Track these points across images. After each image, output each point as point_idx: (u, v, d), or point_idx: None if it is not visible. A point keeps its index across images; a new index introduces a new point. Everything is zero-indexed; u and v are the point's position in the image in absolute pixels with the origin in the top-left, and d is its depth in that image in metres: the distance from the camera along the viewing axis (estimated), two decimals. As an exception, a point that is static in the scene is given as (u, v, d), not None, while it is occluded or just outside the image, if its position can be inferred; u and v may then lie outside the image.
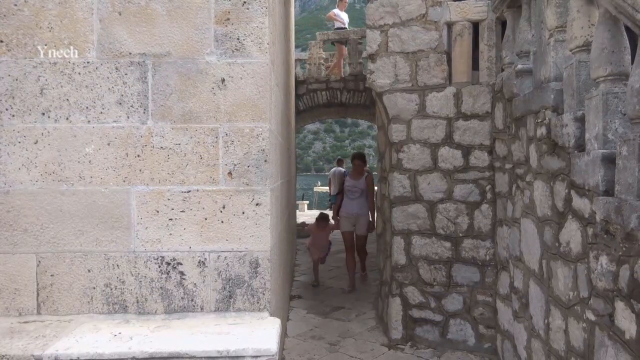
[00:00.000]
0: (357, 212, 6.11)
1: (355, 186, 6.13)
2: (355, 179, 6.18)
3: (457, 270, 3.94)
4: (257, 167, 2.71)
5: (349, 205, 6.16)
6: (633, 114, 1.87)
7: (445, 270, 3.98)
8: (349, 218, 6.16)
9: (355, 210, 6.12)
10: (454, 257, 3.97)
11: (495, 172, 3.83)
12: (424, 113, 4.01)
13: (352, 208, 6.14)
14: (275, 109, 3.25)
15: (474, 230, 3.94)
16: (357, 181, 6.16)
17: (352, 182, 6.17)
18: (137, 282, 2.71)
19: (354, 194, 6.14)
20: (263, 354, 2.25)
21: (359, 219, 6.13)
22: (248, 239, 2.72)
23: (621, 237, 1.90)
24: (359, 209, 6.13)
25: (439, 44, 3.97)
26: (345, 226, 6.20)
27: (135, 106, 2.68)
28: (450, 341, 3.96)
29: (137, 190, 2.69)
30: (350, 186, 6.17)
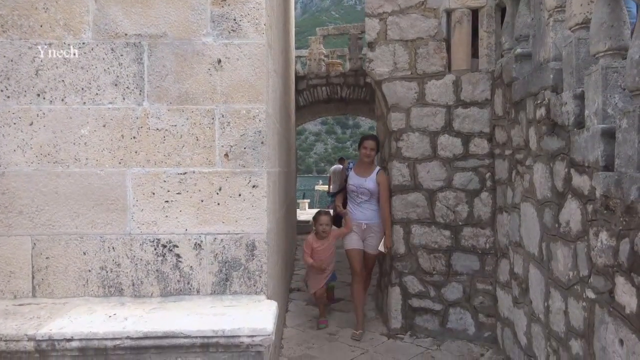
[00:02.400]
0: (365, 222, 4.22)
1: (362, 186, 4.19)
2: (361, 175, 4.25)
3: (457, 259, 3.91)
4: (253, 148, 2.69)
5: (353, 212, 4.28)
6: (633, 85, 1.84)
7: (444, 259, 3.95)
8: (355, 229, 4.25)
9: (362, 220, 4.22)
10: (454, 245, 3.94)
11: (495, 160, 3.80)
12: (423, 101, 3.98)
13: (358, 216, 4.23)
14: (272, 93, 3.22)
15: (473, 219, 3.91)
16: (364, 179, 4.22)
17: (357, 180, 4.24)
18: (133, 264, 2.69)
19: (360, 197, 4.23)
20: (259, 334, 2.23)
21: (369, 232, 4.22)
22: (244, 221, 2.70)
23: (621, 211, 1.87)
24: (368, 218, 4.21)
25: (438, 32, 3.95)
26: (351, 242, 4.23)
27: (131, 87, 2.66)
28: (450, 330, 3.93)
29: (133, 172, 2.67)
30: (356, 185, 4.23)
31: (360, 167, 4.32)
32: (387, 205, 4.14)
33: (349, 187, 4.31)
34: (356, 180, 4.27)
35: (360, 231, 4.24)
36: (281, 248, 3.95)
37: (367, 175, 4.22)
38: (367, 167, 4.26)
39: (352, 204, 4.33)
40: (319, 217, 4.49)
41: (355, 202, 4.29)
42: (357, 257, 4.25)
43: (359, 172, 4.29)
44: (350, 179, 4.31)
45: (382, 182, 4.17)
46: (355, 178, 4.29)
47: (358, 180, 4.25)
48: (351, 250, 4.27)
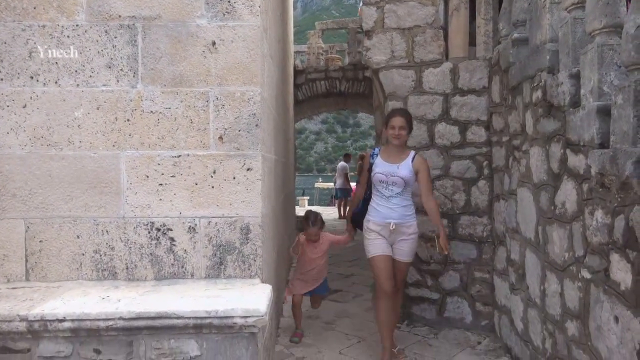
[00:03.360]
0: (395, 222, 3.27)
1: (394, 174, 3.28)
2: (391, 161, 3.33)
3: (454, 247, 3.89)
4: (248, 131, 2.67)
5: (378, 209, 3.33)
6: (628, 61, 1.82)
7: (442, 248, 3.94)
8: (380, 231, 3.31)
9: (391, 218, 3.27)
10: (451, 234, 3.92)
11: (492, 147, 3.79)
12: (421, 89, 3.97)
13: (385, 214, 3.29)
14: (268, 79, 3.21)
15: (471, 207, 3.89)
16: (395, 165, 3.30)
17: (387, 167, 3.32)
18: (127, 248, 2.67)
19: (391, 189, 3.29)
20: (252, 314, 2.21)
21: (400, 234, 3.29)
22: (239, 204, 2.69)
23: (616, 188, 1.86)
24: (400, 215, 3.28)
25: (436, 19, 3.93)
26: (375, 246, 3.31)
27: (125, 70, 2.65)
28: (447, 319, 3.92)
29: (127, 155, 2.66)
30: (385, 174, 3.30)
31: (388, 151, 3.37)
32: (432, 197, 3.35)
33: (376, 177, 3.31)
34: (385, 167, 3.29)
35: (388, 233, 3.27)
36: (278, 237, 3.93)
37: (400, 161, 3.30)
38: (398, 151, 3.34)
39: (378, 198, 3.33)
40: (307, 223, 3.80)
41: (382, 196, 3.31)
42: (384, 266, 3.25)
43: (388, 158, 3.34)
44: (377, 167, 3.33)
45: (422, 169, 3.28)
46: (383, 165, 3.31)
47: (388, 168, 3.28)
48: (375, 258, 3.28)
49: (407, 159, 3.32)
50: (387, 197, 3.30)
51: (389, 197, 3.29)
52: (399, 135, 3.28)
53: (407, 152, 3.37)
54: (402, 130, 3.29)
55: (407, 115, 3.39)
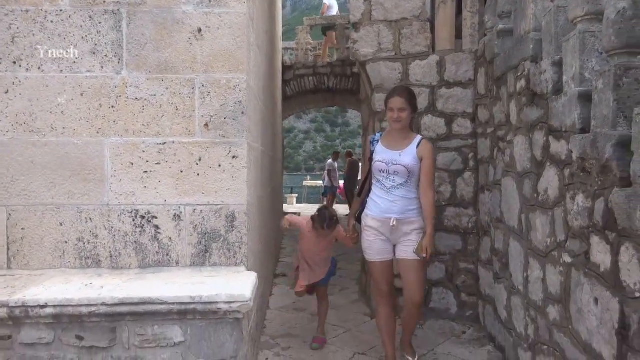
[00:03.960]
0: (396, 217, 2.87)
1: (396, 162, 2.89)
2: (393, 148, 2.94)
3: (440, 239, 3.92)
4: (233, 119, 2.66)
5: (380, 201, 2.93)
6: (609, 46, 1.85)
7: (428, 239, 3.96)
8: (379, 228, 2.92)
9: (392, 213, 2.87)
10: (437, 225, 3.93)
11: (477, 139, 3.82)
12: (408, 81, 3.98)
13: (385, 208, 2.90)
14: (255, 68, 3.20)
15: (456, 199, 3.92)
16: (397, 152, 2.91)
17: (388, 154, 2.93)
18: (111, 236, 2.65)
19: (392, 179, 2.90)
20: (237, 300, 2.21)
21: (401, 232, 2.90)
22: (224, 192, 2.68)
23: (597, 171, 1.89)
24: (402, 210, 2.88)
25: (422, 12, 3.95)
26: (372, 249, 2.97)
27: (110, 56, 2.62)
28: (432, 310, 3.94)
29: (111, 142, 2.63)
30: (386, 162, 2.92)
31: (390, 136, 2.98)
32: (431, 190, 2.89)
33: (375, 166, 2.93)
34: (386, 154, 2.90)
35: (388, 231, 2.87)
36: (264, 228, 3.93)
37: (403, 148, 2.88)
38: (401, 136, 2.92)
39: (378, 190, 2.93)
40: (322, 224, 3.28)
41: (382, 187, 2.90)
42: (381, 271, 2.96)
43: (390, 144, 2.93)
44: (377, 154, 2.95)
45: (426, 156, 2.86)
46: (384, 152, 2.92)
47: (389, 155, 2.89)
48: (372, 265, 3.00)
49: (412, 144, 2.89)
50: (387, 189, 2.88)
51: (390, 188, 2.88)
52: (399, 118, 2.86)
53: (411, 137, 2.93)
54: (403, 112, 2.86)
55: (409, 93, 2.94)
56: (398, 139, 2.95)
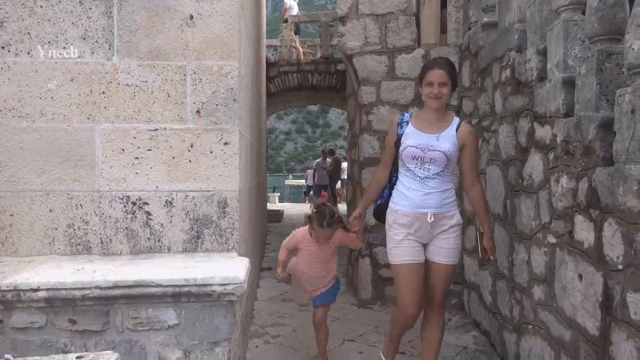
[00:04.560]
0: (433, 211, 2.47)
1: (432, 147, 2.48)
2: (428, 130, 2.52)
3: (425, 229, 3.99)
4: (225, 105, 2.68)
5: (411, 193, 2.50)
6: (591, 32, 1.94)
7: (413, 230, 4.03)
8: (411, 226, 2.50)
9: (427, 207, 2.47)
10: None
11: (462, 131, 3.91)
12: (393, 75, 4.06)
13: (418, 201, 2.49)
14: (245, 57, 3.23)
15: (441, 190, 4.00)
16: (434, 136, 2.50)
17: (422, 138, 2.51)
18: (102, 222, 2.64)
19: (427, 167, 2.49)
20: (231, 282, 2.23)
21: (438, 229, 2.51)
22: (216, 178, 2.70)
23: (580, 153, 1.97)
24: (438, 203, 2.49)
25: (408, 6, 4.03)
26: (405, 250, 2.51)
27: (100, 42, 2.62)
28: (418, 299, 4.01)
29: (102, 128, 2.63)
30: (420, 147, 2.49)
31: (424, 117, 2.55)
32: (479, 182, 2.57)
33: (407, 153, 2.48)
34: (420, 138, 2.47)
35: (421, 228, 2.46)
36: (252, 221, 3.95)
37: (440, 131, 2.47)
38: (437, 117, 2.50)
39: (409, 181, 2.49)
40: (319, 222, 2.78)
41: (414, 178, 2.47)
42: (412, 277, 2.46)
43: (424, 126, 2.51)
44: (408, 138, 2.50)
45: (469, 142, 2.48)
46: (417, 135, 2.48)
47: (424, 139, 2.46)
48: (401, 267, 2.48)
49: (450, 127, 2.49)
50: (421, 179, 2.45)
51: (424, 179, 2.45)
52: (440, 94, 2.42)
53: (448, 118, 2.54)
54: (444, 86, 2.42)
55: (450, 66, 2.48)
56: (433, 119, 2.51)
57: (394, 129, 2.62)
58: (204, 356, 2.30)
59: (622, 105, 1.69)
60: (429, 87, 2.46)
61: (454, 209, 2.53)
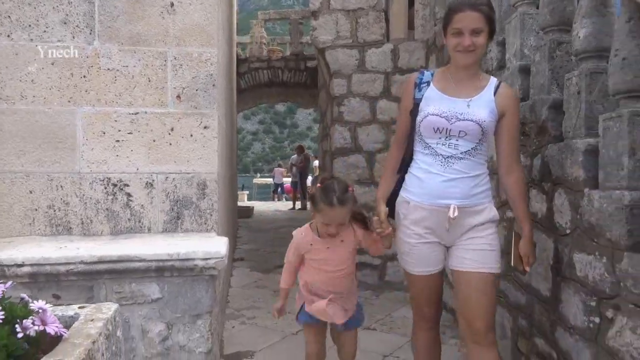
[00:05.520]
0: (459, 203, 1.86)
1: (462, 114, 1.86)
2: (454, 94, 1.90)
3: (394, 215, 4.18)
4: (205, 91, 2.78)
5: (429, 178, 1.89)
6: (544, 23, 2.15)
7: (383, 216, 4.21)
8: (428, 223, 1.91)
9: (453, 196, 1.86)
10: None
11: (428, 121, 4.12)
12: (364, 68, 4.23)
13: (441, 189, 1.87)
14: (222, 46, 3.33)
15: (409, 178, 4.20)
16: (464, 101, 1.87)
17: (447, 103, 1.89)
18: (82, 203, 2.70)
19: (451, 143, 1.88)
20: (213, 256, 2.34)
21: (464, 226, 1.90)
22: (196, 161, 2.79)
23: (535, 133, 2.18)
24: (467, 193, 1.87)
25: (378, 2, 4.21)
26: (417, 255, 1.96)
27: (81, 26, 2.68)
28: (388, 283, 4.20)
29: (83, 111, 2.68)
30: (446, 115, 1.87)
31: (450, 76, 1.93)
32: (520, 165, 1.97)
33: (427, 123, 1.89)
34: (445, 104, 1.89)
35: (442, 226, 1.89)
36: (227, 206, 4.05)
37: (472, 94, 1.89)
38: (468, 76, 1.90)
39: (427, 160, 1.91)
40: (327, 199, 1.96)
41: (434, 157, 1.89)
42: (426, 289, 2.02)
43: (450, 88, 1.91)
44: (429, 103, 1.91)
45: (511, 110, 1.88)
46: (442, 100, 1.90)
47: (450, 105, 1.88)
48: (412, 278, 2.02)
49: (486, 89, 1.89)
50: (445, 159, 1.86)
51: (449, 158, 1.85)
52: (472, 46, 1.79)
53: (482, 78, 1.93)
54: (478, 35, 1.79)
55: (487, 5, 1.83)
56: (463, 79, 1.89)
57: (410, 92, 1.97)
58: (186, 328, 2.40)
59: (570, 87, 1.90)
60: (457, 36, 1.80)
61: (487, 200, 1.90)
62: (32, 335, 1.00)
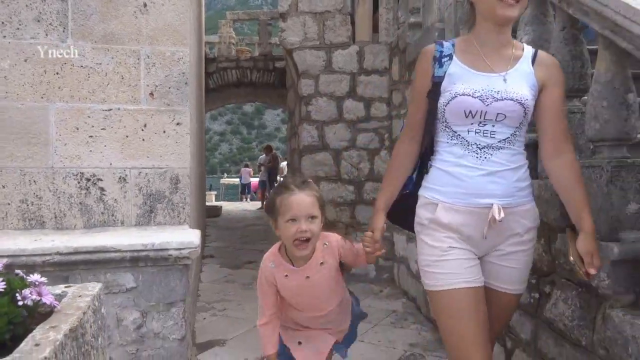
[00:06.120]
0: (503, 202, 1.47)
1: (499, 92, 1.47)
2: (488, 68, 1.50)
3: (360, 211, 4.36)
4: (177, 88, 2.88)
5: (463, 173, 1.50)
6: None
7: (349, 211, 4.39)
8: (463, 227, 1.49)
9: (495, 194, 1.47)
10: (357, 199, 4.39)
11: (392, 120, 4.32)
12: (331, 69, 4.40)
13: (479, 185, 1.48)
14: (193, 46, 3.43)
15: (374, 175, 4.40)
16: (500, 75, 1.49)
17: (479, 77, 1.50)
18: (56, 197, 2.75)
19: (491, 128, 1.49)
20: (187, 246, 2.44)
21: (505, 232, 1.51)
22: (169, 156, 2.88)
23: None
24: (510, 190, 1.50)
25: (344, 6, 4.39)
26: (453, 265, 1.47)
27: (55, 24, 2.73)
28: (353, 275, 4.37)
29: (57, 107, 2.74)
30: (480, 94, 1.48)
31: (475, 46, 1.56)
32: (570, 146, 1.56)
33: (455, 105, 1.51)
34: (477, 81, 1.51)
35: (480, 232, 1.51)
36: (199, 202, 4.13)
37: (507, 66, 1.53)
38: (500, 44, 1.54)
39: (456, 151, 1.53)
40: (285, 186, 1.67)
41: (466, 147, 1.52)
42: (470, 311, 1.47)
43: (479, 61, 1.54)
44: (456, 81, 1.52)
45: (555, 80, 1.55)
46: (471, 77, 1.52)
47: (483, 82, 1.51)
48: (452, 296, 1.48)
49: (522, 60, 1.54)
50: (480, 150, 1.50)
51: (486, 149, 1.50)
52: None
53: (514, 44, 1.57)
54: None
55: None
56: (495, 47, 1.53)
57: (427, 69, 1.58)
58: (160, 316, 2.50)
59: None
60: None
61: (531, 198, 1.57)
62: (30, 304, 1.10)
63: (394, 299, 3.86)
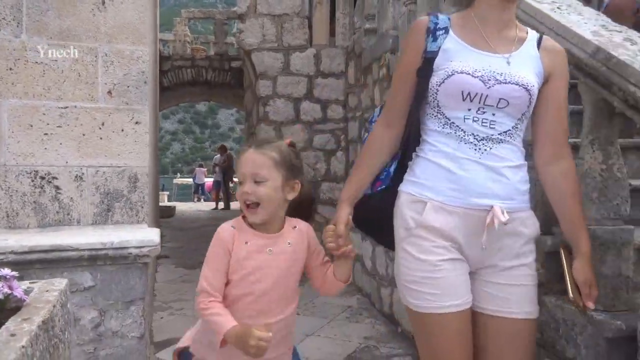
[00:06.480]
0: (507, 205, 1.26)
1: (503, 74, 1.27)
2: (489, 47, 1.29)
3: (318, 210, 4.47)
4: (137, 87, 2.88)
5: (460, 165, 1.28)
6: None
7: (306, 211, 4.49)
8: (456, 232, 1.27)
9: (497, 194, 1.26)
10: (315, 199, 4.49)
11: (348, 122, 4.46)
12: (288, 70, 4.48)
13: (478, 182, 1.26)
14: (152, 44, 3.41)
15: (330, 175, 4.52)
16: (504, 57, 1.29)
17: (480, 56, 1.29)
18: (8, 196, 2.68)
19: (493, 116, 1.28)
20: (147, 244, 2.46)
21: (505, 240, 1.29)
22: (127, 155, 2.87)
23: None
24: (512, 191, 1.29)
25: (302, 9, 4.48)
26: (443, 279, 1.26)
27: (8, 19, 2.67)
28: (310, 273, 4.47)
29: (10, 104, 2.67)
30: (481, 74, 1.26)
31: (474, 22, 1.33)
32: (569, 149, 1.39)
33: (451, 84, 1.28)
34: (477, 59, 1.30)
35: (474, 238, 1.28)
36: (154, 203, 4.11)
37: (510, 47, 1.33)
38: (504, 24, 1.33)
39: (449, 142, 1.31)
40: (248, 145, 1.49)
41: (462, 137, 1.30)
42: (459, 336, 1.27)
43: (479, 39, 1.32)
44: (452, 57, 1.30)
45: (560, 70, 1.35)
46: (469, 54, 1.31)
47: (484, 61, 1.30)
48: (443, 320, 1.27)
49: (527, 42, 1.37)
50: (479, 142, 1.30)
51: (484, 141, 1.31)
52: None
53: (520, 29, 1.39)
54: None
55: None
56: (498, 26, 1.34)
57: (419, 42, 1.36)
58: (119, 315, 2.49)
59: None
60: None
61: (528, 205, 1.37)
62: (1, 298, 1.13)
63: (349, 295, 3.98)
